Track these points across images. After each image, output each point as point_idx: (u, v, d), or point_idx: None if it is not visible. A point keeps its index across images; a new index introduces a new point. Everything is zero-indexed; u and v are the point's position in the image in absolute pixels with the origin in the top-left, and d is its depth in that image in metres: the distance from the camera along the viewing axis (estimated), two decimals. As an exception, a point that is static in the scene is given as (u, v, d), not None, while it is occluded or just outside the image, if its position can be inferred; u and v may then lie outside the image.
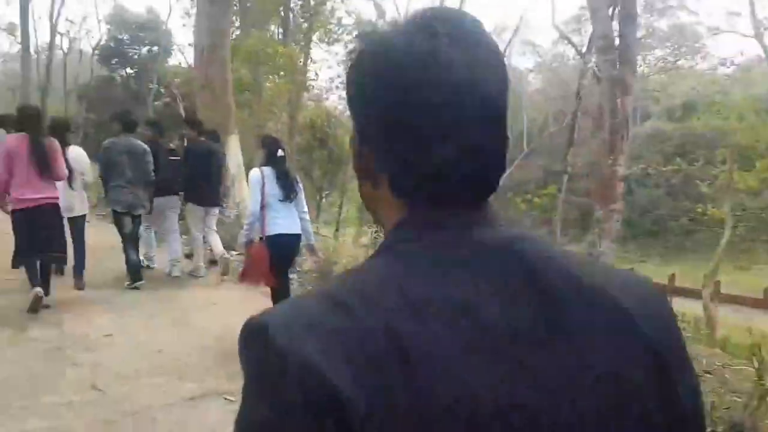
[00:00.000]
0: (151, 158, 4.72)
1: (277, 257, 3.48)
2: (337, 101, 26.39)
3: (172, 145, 5.80)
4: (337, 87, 25.21)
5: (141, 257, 5.09)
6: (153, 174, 4.77)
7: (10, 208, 3.87)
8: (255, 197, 3.49)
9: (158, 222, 5.33)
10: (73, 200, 4.53)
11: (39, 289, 3.80)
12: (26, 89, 18.51)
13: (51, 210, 3.88)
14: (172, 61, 27.33)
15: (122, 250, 4.82)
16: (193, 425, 2.64)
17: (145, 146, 4.77)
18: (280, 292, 3.50)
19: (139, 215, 4.84)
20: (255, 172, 3.55)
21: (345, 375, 0.35)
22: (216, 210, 5.41)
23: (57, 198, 3.94)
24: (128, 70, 25.75)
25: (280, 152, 3.58)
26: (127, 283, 4.79)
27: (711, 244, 10.59)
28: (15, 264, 3.93)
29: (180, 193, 5.26)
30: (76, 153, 4.66)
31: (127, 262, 4.78)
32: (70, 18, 29.89)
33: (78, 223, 4.68)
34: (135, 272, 4.79)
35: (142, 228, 5.05)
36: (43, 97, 22.28)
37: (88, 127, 24.09)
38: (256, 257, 3.53)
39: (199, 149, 5.25)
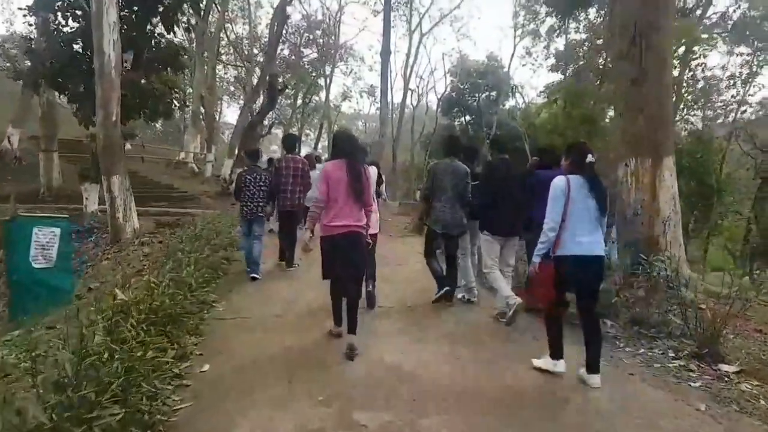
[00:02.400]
0: (469, 179, 4.79)
1: (571, 282, 3.18)
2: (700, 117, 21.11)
3: (477, 169, 5.38)
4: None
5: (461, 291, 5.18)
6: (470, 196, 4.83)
7: (311, 235, 3.92)
8: (556, 209, 3.17)
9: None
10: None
11: (339, 329, 3.87)
12: (381, 143, 21.20)
13: (358, 237, 3.76)
14: (510, 103, 27.97)
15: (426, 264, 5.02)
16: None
17: (467, 169, 4.82)
18: (591, 332, 3.19)
19: (456, 237, 4.82)
20: (560, 180, 3.21)
21: None
22: (515, 241, 4.76)
23: (362, 225, 3.82)
24: (466, 117, 27.48)
25: (589, 157, 3.20)
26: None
27: None
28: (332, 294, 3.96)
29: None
30: (371, 171, 5.17)
31: (434, 275, 4.96)
32: (420, 73, 34.26)
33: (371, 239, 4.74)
34: (441, 283, 4.92)
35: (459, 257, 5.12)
36: (394, 148, 25.58)
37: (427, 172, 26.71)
38: (543, 277, 3.26)
39: (498, 171, 4.72)
